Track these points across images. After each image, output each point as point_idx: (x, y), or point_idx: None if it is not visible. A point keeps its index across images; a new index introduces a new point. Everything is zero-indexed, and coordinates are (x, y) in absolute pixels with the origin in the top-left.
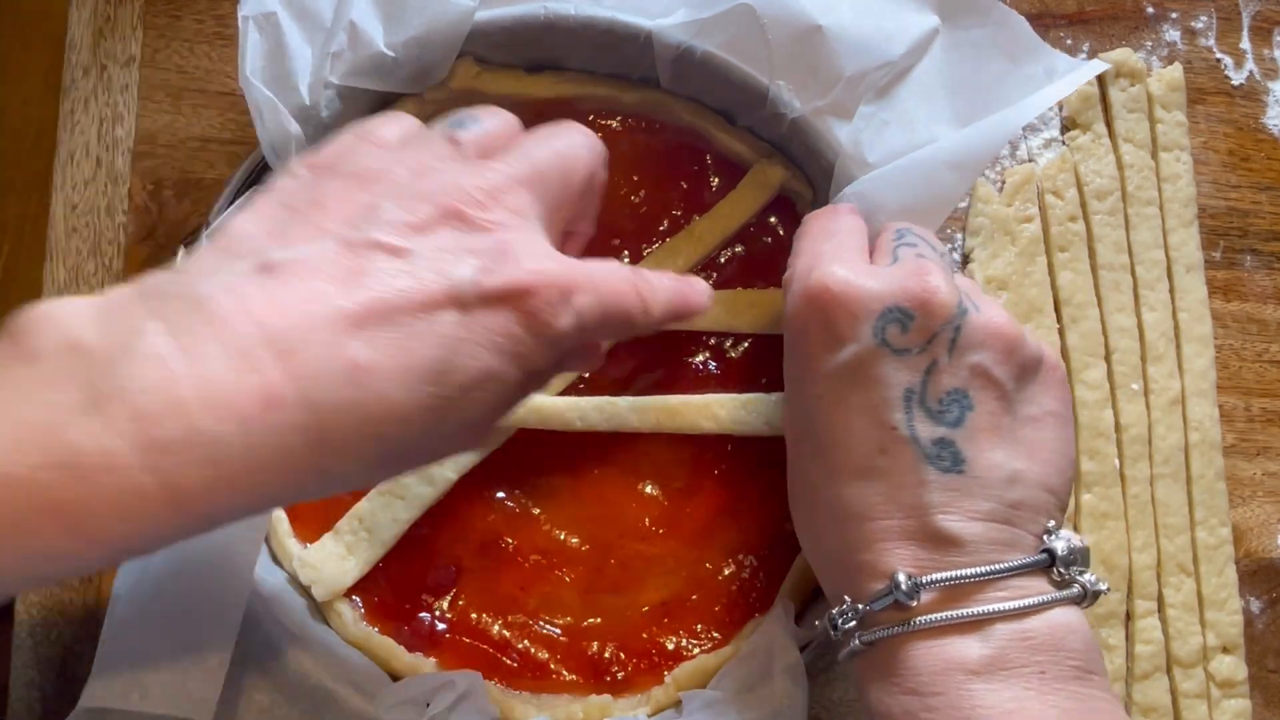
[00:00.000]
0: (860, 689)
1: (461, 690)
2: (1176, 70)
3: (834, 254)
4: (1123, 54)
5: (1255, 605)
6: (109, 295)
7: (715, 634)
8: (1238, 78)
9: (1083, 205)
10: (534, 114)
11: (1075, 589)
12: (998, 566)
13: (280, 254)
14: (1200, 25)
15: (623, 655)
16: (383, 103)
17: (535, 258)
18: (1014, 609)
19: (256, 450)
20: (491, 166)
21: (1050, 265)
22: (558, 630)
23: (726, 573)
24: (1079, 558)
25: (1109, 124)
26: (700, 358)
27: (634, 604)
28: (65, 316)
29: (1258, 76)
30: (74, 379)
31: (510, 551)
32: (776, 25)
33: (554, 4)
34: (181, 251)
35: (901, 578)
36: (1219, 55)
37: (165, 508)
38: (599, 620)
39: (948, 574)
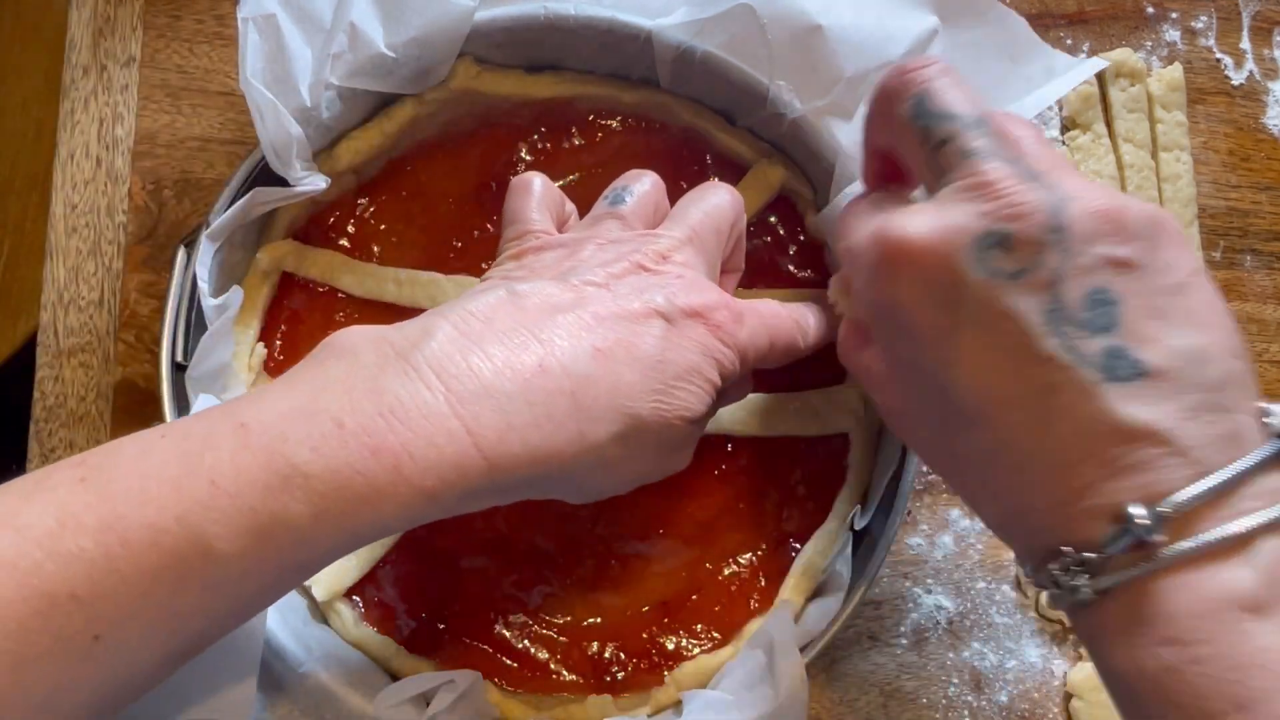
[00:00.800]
0: (1096, 654)
1: (461, 690)
2: (1176, 70)
3: (886, 214)
4: (1123, 54)
5: None
6: (405, 322)
7: (715, 634)
8: (1238, 78)
9: None
10: (534, 114)
11: None
12: (1238, 467)
13: (523, 286)
14: (1200, 25)
15: (623, 655)
16: (383, 103)
17: (706, 291)
18: (1275, 518)
19: (534, 408)
20: (658, 235)
21: None
22: (558, 630)
23: (726, 573)
24: None
25: (1109, 124)
26: None
27: (634, 604)
28: (371, 330)
29: (1258, 76)
30: (388, 357)
31: (510, 551)
32: (776, 25)
33: (554, 4)
34: (181, 251)
35: (1136, 509)
36: (1219, 55)
37: (470, 450)
38: (599, 620)
39: (1187, 492)
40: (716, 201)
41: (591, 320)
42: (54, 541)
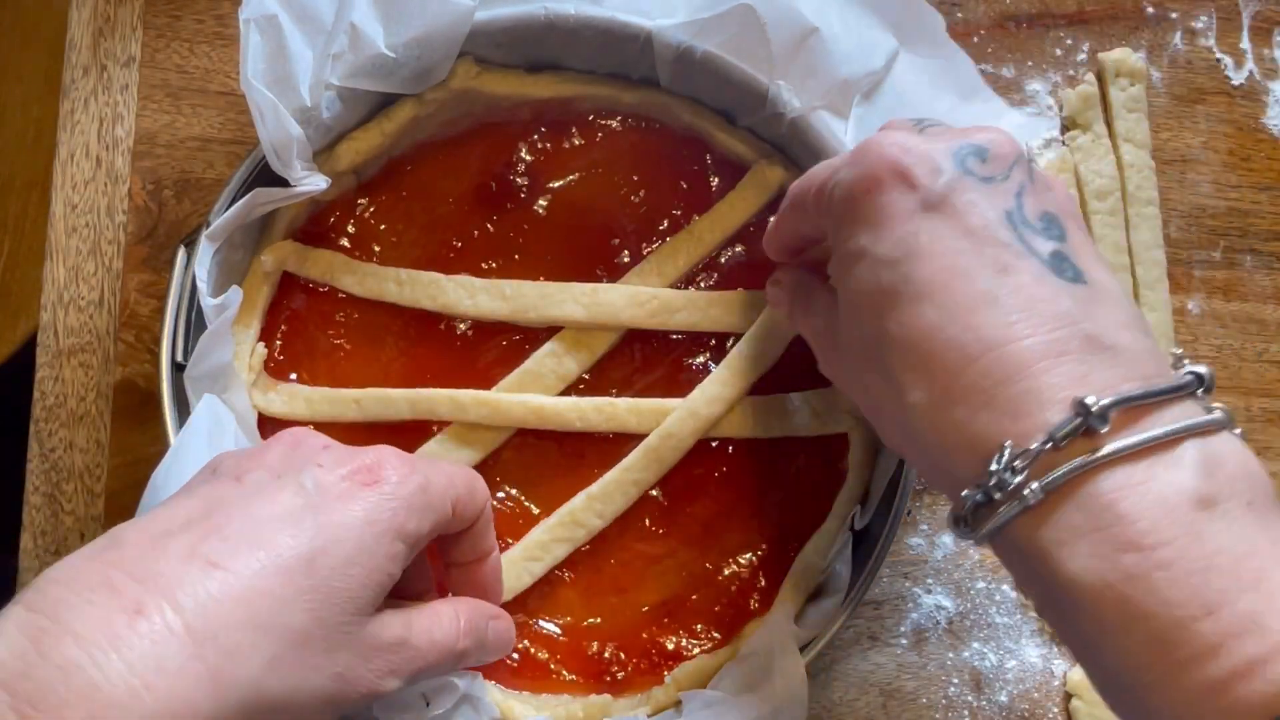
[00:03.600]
0: (1036, 565)
1: (462, 690)
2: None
3: (877, 137)
4: (1122, 54)
5: None
6: None
7: (715, 634)
8: (1238, 78)
9: (1083, 205)
10: (534, 114)
11: (1220, 413)
12: (1171, 383)
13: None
14: (1200, 25)
15: (623, 655)
16: (383, 103)
17: (390, 458)
18: (1199, 425)
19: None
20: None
21: None
22: (558, 630)
23: (726, 573)
24: (1213, 384)
25: (1109, 124)
26: (700, 358)
27: (634, 604)
28: None
29: (1258, 76)
30: None
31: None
32: (777, 25)
33: (554, 4)
34: (181, 251)
35: (1091, 397)
36: (1219, 55)
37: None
38: (599, 620)
39: (1131, 389)
40: (453, 482)
41: (218, 526)
42: None
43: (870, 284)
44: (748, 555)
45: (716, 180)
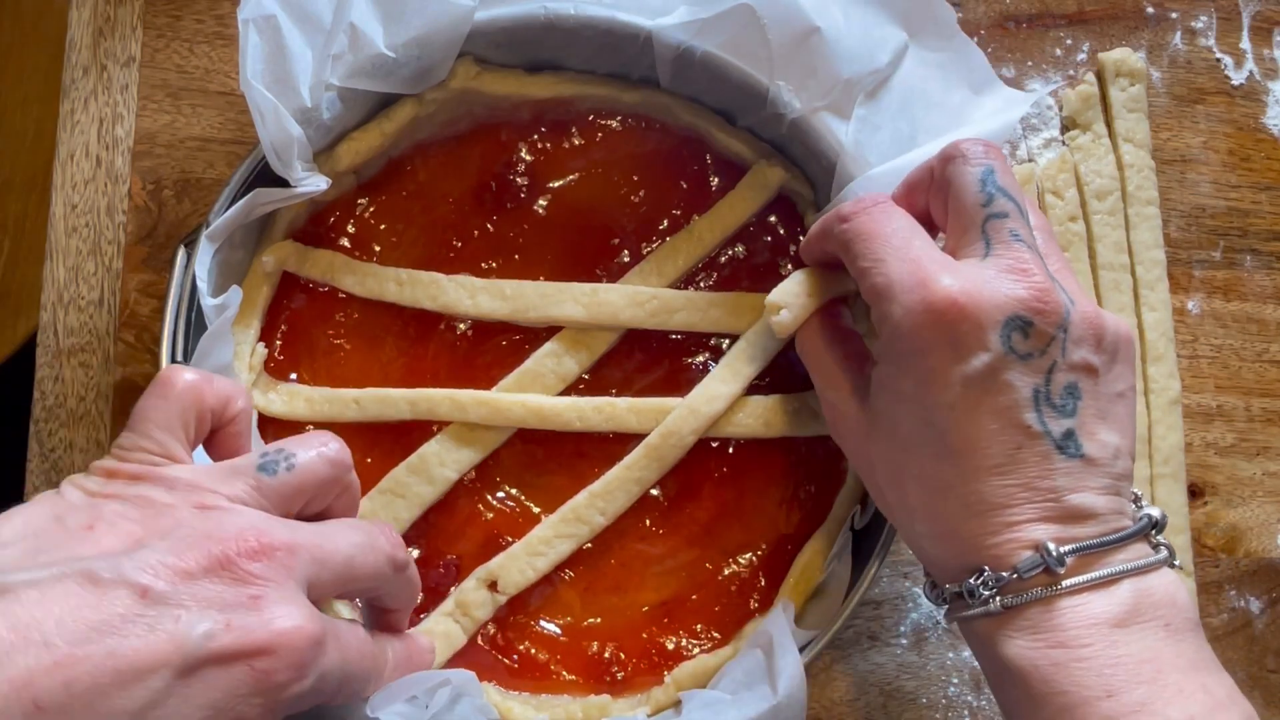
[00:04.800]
0: (987, 649)
1: (460, 690)
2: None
3: (930, 259)
4: (1122, 54)
5: (1255, 605)
6: None
7: (715, 634)
8: (1238, 78)
9: (1083, 205)
10: (534, 114)
11: (1164, 551)
12: (1121, 534)
13: (21, 576)
14: (1200, 25)
15: (623, 655)
16: (383, 103)
17: (289, 617)
18: (1138, 566)
19: None
20: (278, 526)
21: None
22: (558, 630)
23: (726, 573)
24: (1164, 524)
25: (1109, 124)
26: (700, 358)
27: (634, 604)
28: None
29: (1258, 76)
30: None
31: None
32: (777, 25)
33: (554, 4)
34: (181, 251)
35: (1053, 547)
36: (1219, 55)
37: None
38: (599, 620)
39: (1087, 541)
40: (362, 549)
41: (63, 663)
42: None
43: (908, 425)
44: (748, 555)
45: (716, 180)
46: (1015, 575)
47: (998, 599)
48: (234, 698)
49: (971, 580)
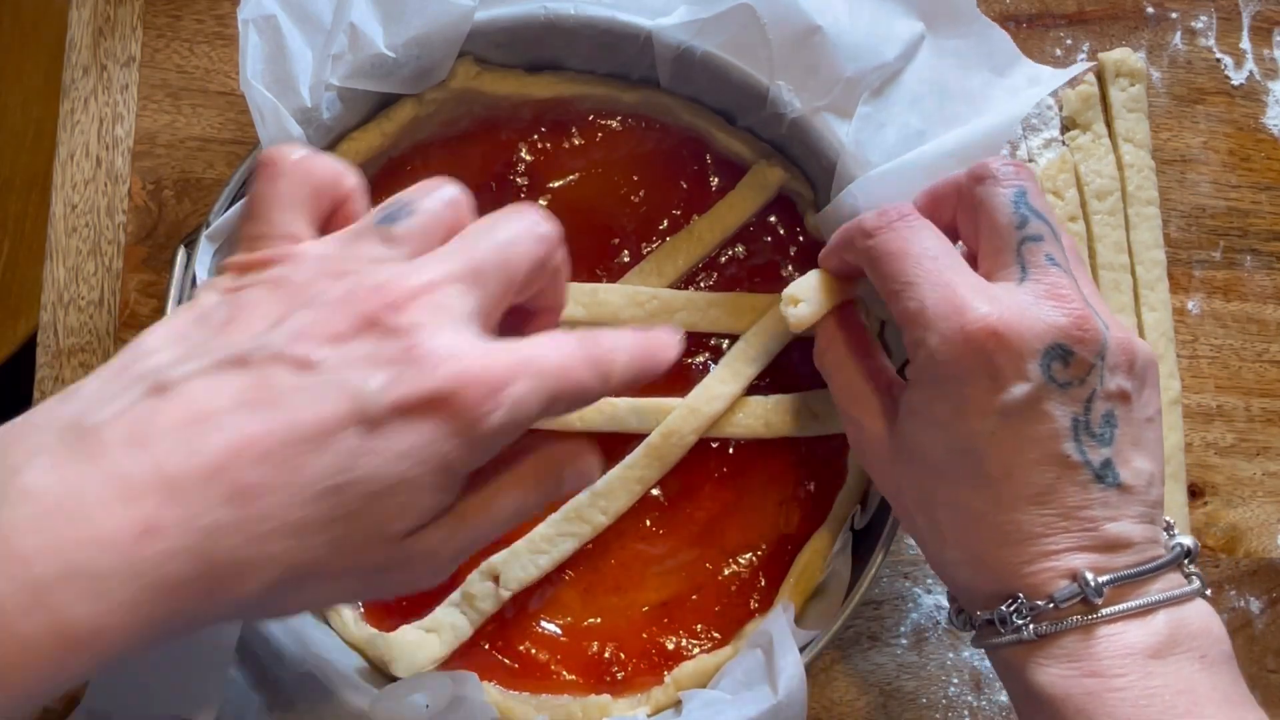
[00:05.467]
0: (1017, 676)
1: (460, 690)
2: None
3: (966, 285)
4: (1122, 54)
5: (1255, 605)
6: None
7: (715, 634)
8: (1238, 78)
9: (1083, 205)
10: (534, 114)
11: (1197, 582)
12: (1157, 563)
13: (177, 372)
14: (1200, 25)
15: (623, 655)
16: (383, 103)
17: (457, 359)
18: (1174, 597)
19: (143, 580)
20: (421, 265)
21: None
22: (558, 630)
23: (726, 573)
24: (1196, 553)
25: (1109, 124)
26: (700, 358)
27: (634, 604)
28: None
29: (1258, 76)
30: None
31: None
32: (777, 25)
33: (554, 4)
34: (181, 251)
35: (1091, 577)
36: (1219, 55)
37: (57, 647)
38: (599, 620)
39: (1124, 571)
40: (512, 234)
41: (251, 438)
42: None
43: (941, 452)
44: (748, 555)
45: (716, 180)
46: (1051, 604)
47: (1031, 627)
48: (429, 443)
49: (1004, 608)
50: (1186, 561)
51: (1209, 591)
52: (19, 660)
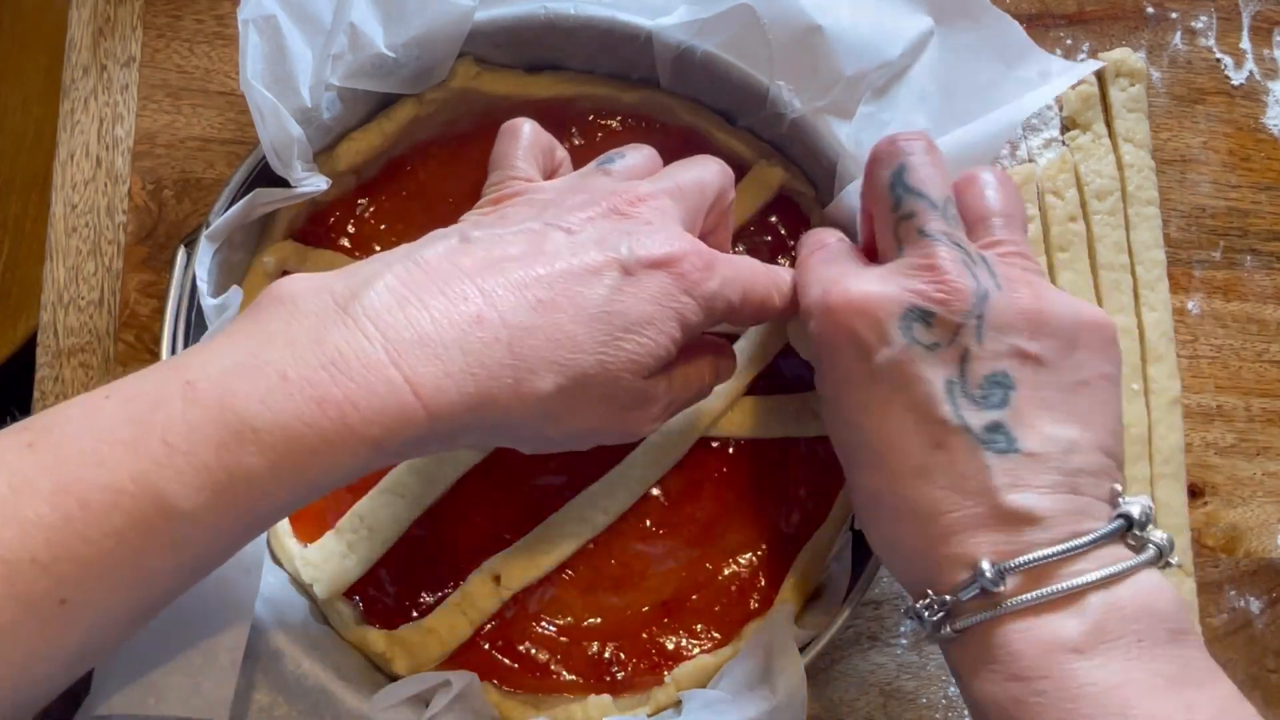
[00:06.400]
0: (960, 682)
1: (459, 690)
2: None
3: (840, 272)
4: (1122, 54)
5: (1255, 605)
6: (353, 265)
7: (715, 634)
8: (1238, 78)
9: (1083, 205)
10: (534, 114)
11: (1151, 550)
12: (1080, 541)
13: (478, 233)
14: (1200, 25)
15: (623, 655)
16: (383, 103)
17: (678, 238)
18: (1102, 578)
19: (469, 356)
20: (641, 183)
21: (1050, 265)
22: (558, 630)
23: (726, 573)
24: (1151, 518)
25: (1109, 124)
26: None
27: (634, 604)
28: (314, 278)
29: (1258, 76)
30: (328, 308)
31: None
32: (777, 25)
33: (554, 4)
34: (181, 251)
35: (985, 564)
36: (1219, 55)
37: (409, 399)
38: (599, 620)
39: (1030, 555)
40: (705, 170)
41: (540, 271)
42: (8, 508)
43: (840, 434)
44: (748, 555)
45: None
46: (956, 599)
47: (947, 627)
48: (668, 293)
49: (918, 604)
50: (1141, 531)
51: (1175, 560)
52: (380, 406)
